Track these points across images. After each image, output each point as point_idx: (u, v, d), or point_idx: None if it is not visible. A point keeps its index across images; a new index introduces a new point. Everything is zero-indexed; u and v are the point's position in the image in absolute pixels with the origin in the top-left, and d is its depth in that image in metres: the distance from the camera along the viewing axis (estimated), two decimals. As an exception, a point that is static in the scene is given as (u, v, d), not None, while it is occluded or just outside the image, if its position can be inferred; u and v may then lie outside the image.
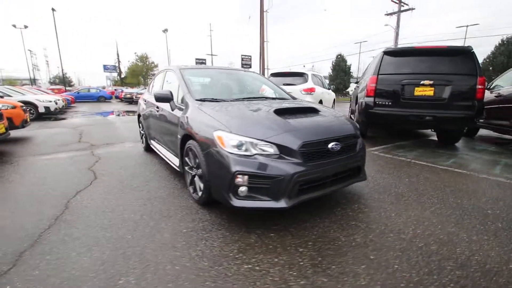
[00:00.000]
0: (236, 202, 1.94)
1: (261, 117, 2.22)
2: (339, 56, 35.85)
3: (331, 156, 2.14)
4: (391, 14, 28.04)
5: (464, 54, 4.36)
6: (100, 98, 24.08)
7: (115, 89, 30.22)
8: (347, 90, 35.69)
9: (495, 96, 4.98)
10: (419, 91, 4.48)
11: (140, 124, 4.73)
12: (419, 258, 1.71)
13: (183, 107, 2.78)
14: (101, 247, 1.81)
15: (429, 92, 4.44)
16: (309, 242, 1.89)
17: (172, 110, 2.97)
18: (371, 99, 4.77)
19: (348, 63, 36.03)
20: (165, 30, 36.54)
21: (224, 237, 1.94)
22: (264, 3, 16.81)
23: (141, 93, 19.49)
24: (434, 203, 2.53)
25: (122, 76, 46.80)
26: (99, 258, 1.70)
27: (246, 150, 1.95)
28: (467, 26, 33.90)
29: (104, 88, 36.18)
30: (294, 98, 3.53)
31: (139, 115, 4.78)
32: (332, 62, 36.41)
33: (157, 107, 3.52)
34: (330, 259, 1.70)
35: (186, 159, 2.60)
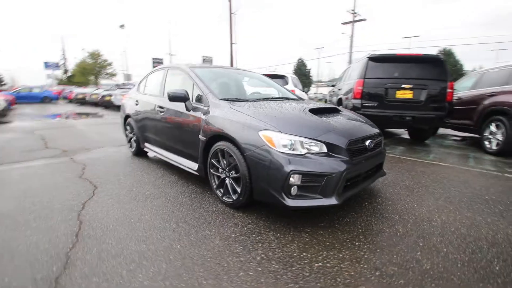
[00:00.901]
0: (290, 202, 1.92)
1: (302, 117, 2.24)
2: (300, 61, 37.50)
3: (367, 153, 2.26)
4: (346, 23, 30.29)
5: (436, 61, 4.96)
6: (44, 99, 21.30)
7: (63, 89, 27.08)
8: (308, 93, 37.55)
9: (455, 99, 5.75)
10: (400, 94, 4.96)
11: (128, 127, 4.35)
12: (458, 241, 1.91)
13: (205, 107, 2.65)
14: (152, 261, 1.64)
15: (408, 95, 4.94)
16: (359, 236, 1.97)
17: (188, 110, 2.81)
18: (358, 101, 5.12)
19: (308, 68, 37.89)
20: (122, 26, 33.94)
21: (277, 239, 1.91)
22: (232, 5, 16.80)
23: (96, 94, 17.79)
24: (441, 193, 2.83)
25: (69, 74, 42.18)
26: (158, 273, 1.53)
27: (295, 149, 1.95)
28: (410, 37, 38.68)
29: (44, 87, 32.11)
30: (302, 99, 3.62)
31: (126, 117, 4.39)
32: (294, 66, 37.93)
33: (161, 108, 3.28)
34: (388, 250, 1.79)
35: (213, 161, 2.48)
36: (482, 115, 4.88)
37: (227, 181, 2.39)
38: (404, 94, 4.95)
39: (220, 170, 2.46)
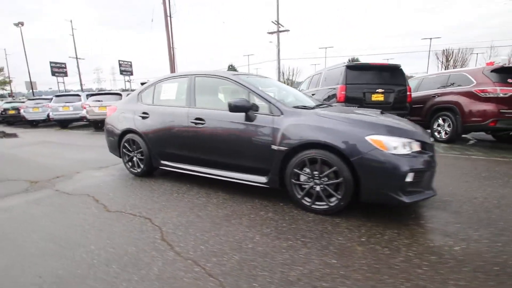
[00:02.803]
0: (407, 199, 2.09)
1: (390, 120, 2.43)
2: (230, 67, 38.15)
3: None
4: (272, 33, 32.59)
5: (397, 69, 6.00)
6: None
7: None
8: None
9: (403, 100, 7.05)
10: (374, 97, 5.78)
11: (127, 144, 3.68)
12: None
13: (275, 116, 2.55)
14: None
15: (380, 98, 5.81)
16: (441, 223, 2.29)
17: (251, 120, 2.64)
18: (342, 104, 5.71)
19: (239, 74, 38.94)
20: (20, 24, 27.01)
21: (398, 234, 2.05)
22: (167, 8, 15.84)
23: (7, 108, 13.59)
24: (476, 177, 3.49)
25: None
26: (352, 291, 1.46)
27: (403, 150, 2.13)
28: (326, 48, 44.51)
29: None
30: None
31: (123, 133, 3.70)
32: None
33: (199, 120, 2.95)
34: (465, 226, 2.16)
35: (296, 170, 2.42)
36: (430, 112, 6.17)
37: (317, 188, 2.38)
38: (378, 97, 5.80)
39: (307, 179, 2.43)
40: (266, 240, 1.98)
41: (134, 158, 3.69)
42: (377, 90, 5.74)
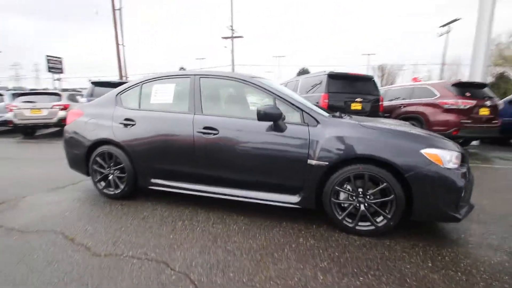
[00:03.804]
0: (460, 215, 1.98)
1: (428, 132, 2.33)
2: (181, 69, 36.52)
3: None
4: (226, 38, 32.44)
5: (371, 80, 6.30)
6: None
7: None
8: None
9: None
10: (353, 106, 5.94)
11: (99, 159, 2.89)
12: None
13: (311, 127, 2.23)
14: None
15: (358, 107, 5.99)
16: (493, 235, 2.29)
17: (282, 131, 2.27)
18: (326, 112, 5.71)
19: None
20: None
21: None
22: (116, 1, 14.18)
23: None
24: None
25: None
26: None
27: (454, 163, 2.02)
28: (279, 56, 46.45)
29: None
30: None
31: (94, 145, 2.90)
32: (176, 75, 36.44)
33: (211, 129, 2.44)
34: None
35: (337, 187, 2.14)
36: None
37: (362, 207, 2.13)
38: (356, 106, 5.97)
39: (347, 197, 2.16)
40: (332, 279, 1.62)
41: (110, 177, 2.91)
42: (356, 99, 5.91)
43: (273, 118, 2.22)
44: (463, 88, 5.65)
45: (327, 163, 2.13)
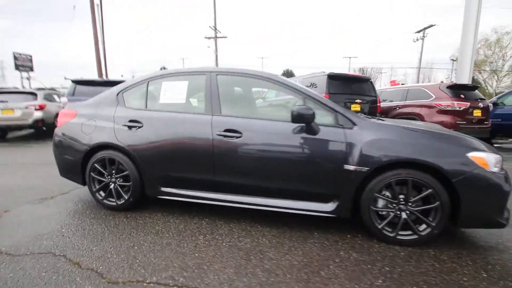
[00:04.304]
0: (505, 220, 1.89)
1: (461, 134, 2.24)
2: (162, 69, 35.48)
3: None
4: (209, 38, 31.98)
5: (368, 81, 6.31)
6: None
7: None
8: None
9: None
10: (353, 107, 5.90)
11: (98, 165, 2.54)
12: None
13: (347, 129, 2.06)
14: None
15: (358, 108, 5.97)
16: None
17: (315, 134, 2.08)
18: (327, 113, 5.62)
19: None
20: None
21: (507, 262, 1.83)
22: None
23: None
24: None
25: None
26: None
27: (498, 167, 1.94)
28: (262, 58, 46.59)
29: None
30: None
31: (93, 149, 2.55)
32: (157, 74, 35.38)
33: (234, 132, 2.20)
34: None
35: (376, 194, 1.99)
36: (393, 122, 6.72)
37: (404, 215, 1.99)
38: (355, 107, 5.94)
39: (386, 204, 2.02)
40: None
41: (112, 185, 2.57)
42: (356, 101, 5.88)
43: (306, 120, 2.02)
44: (457, 90, 5.81)
45: (368, 168, 1.97)
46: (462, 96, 5.68)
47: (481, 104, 5.72)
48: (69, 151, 2.67)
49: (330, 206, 2.12)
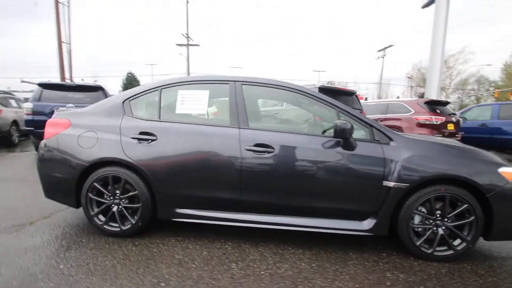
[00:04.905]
0: (533, 232, 1.99)
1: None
2: (130, 75, 33.68)
3: None
4: (181, 45, 31.42)
5: (354, 95, 6.56)
6: None
7: None
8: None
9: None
10: (342, 119, 6.07)
11: (99, 184, 2.18)
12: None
13: (384, 144, 2.02)
14: None
15: (345, 120, 6.16)
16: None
17: (352, 149, 2.01)
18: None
19: (141, 83, 35.00)
20: None
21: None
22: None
23: None
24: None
25: None
26: None
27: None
28: (235, 67, 46.71)
29: None
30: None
31: (92, 166, 2.19)
32: (123, 80, 33.50)
33: (265, 147, 2.04)
34: None
35: (422, 209, 1.97)
36: (375, 134, 7.05)
37: (440, 231, 1.99)
38: (344, 119, 6.13)
39: (422, 221, 2.01)
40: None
41: (115, 208, 2.22)
42: (344, 113, 6.06)
43: (346, 135, 1.95)
44: (433, 105, 6.31)
45: (408, 184, 1.94)
46: (438, 111, 6.18)
47: (453, 119, 6.27)
48: (60, 167, 2.26)
49: (367, 224, 2.04)
